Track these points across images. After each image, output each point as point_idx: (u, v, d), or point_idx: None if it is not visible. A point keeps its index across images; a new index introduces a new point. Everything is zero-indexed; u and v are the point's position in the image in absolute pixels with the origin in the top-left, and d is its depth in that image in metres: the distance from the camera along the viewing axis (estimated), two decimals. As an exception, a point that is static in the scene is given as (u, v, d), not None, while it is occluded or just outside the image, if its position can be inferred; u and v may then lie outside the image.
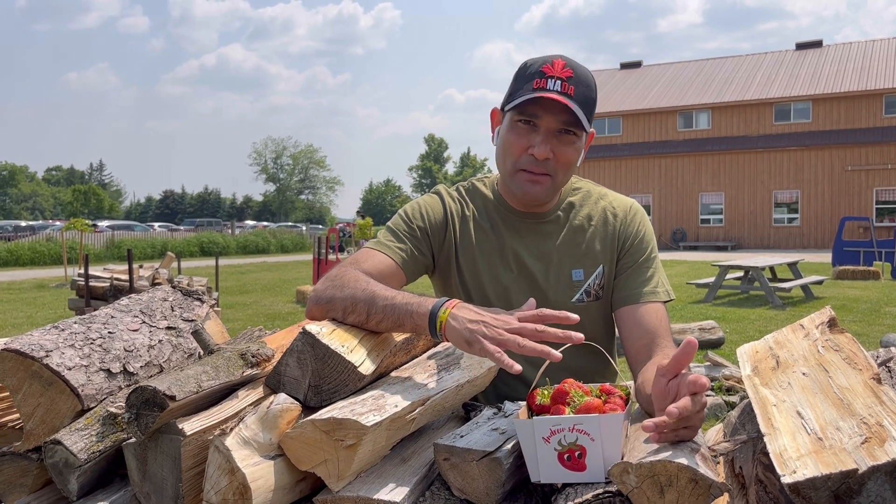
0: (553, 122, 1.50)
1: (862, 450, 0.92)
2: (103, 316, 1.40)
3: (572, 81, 1.48)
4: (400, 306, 1.24)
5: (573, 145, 1.54)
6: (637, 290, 1.59)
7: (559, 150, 1.52)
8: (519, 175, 1.56)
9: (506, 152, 1.57)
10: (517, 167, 1.55)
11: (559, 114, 1.49)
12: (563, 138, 1.52)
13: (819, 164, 31.21)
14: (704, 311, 9.99)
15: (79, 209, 64.89)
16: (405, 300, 1.25)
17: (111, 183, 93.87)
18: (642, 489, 0.92)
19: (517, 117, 1.52)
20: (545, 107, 1.48)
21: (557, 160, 1.53)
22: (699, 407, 1.01)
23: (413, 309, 1.23)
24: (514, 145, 1.54)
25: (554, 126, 1.50)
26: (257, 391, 1.17)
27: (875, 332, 8.07)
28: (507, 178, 1.59)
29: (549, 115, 1.49)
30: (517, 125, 1.53)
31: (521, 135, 1.53)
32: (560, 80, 1.48)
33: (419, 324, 1.22)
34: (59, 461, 1.13)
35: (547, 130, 1.51)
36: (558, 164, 1.54)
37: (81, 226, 17.03)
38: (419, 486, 1.08)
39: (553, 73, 1.48)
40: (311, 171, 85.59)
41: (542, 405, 1.10)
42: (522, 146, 1.53)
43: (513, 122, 1.54)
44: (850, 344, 1.26)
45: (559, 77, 1.48)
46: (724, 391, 5.25)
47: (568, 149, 1.53)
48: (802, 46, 36.61)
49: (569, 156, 1.54)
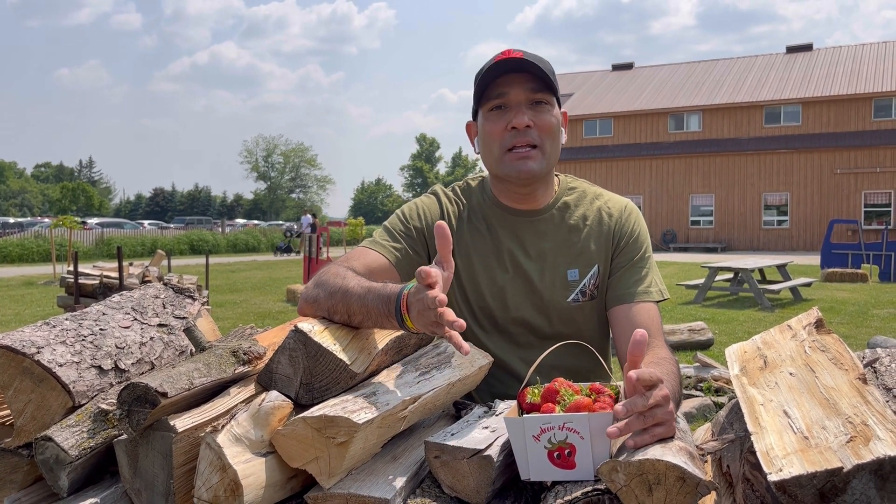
0: (521, 93, 1.54)
1: (847, 448, 0.94)
2: (95, 313, 1.40)
3: (527, 56, 1.53)
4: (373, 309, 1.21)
5: (549, 112, 1.57)
6: (630, 290, 1.60)
7: (537, 119, 1.55)
8: (507, 157, 1.57)
9: (489, 142, 1.59)
10: (503, 148, 1.57)
11: (525, 83, 1.53)
12: (537, 108, 1.56)
13: (808, 166, 31.39)
14: (694, 313, 10.03)
15: (68, 206, 64.51)
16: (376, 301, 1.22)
17: (101, 180, 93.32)
18: (631, 487, 0.93)
19: (488, 106, 1.57)
20: (509, 83, 1.53)
21: (539, 128, 1.55)
22: (658, 401, 0.99)
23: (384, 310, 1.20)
24: (493, 131, 1.57)
25: (524, 98, 1.55)
26: (249, 388, 1.18)
27: (863, 334, 8.12)
28: (497, 166, 1.60)
29: (516, 88, 1.54)
30: (490, 114, 1.58)
31: (496, 120, 1.57)
32: (514, 59, 1.53)
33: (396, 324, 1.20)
34: (49, 457, 1.13)
35: (518, 103, 1.55)
36: (542, 132, 1.56)
37: (70, 223, 16.93)
38: (410, 483, 1.09)
39: (505, 56, 1.54)
40: (303, 169, 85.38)
41: (532, 404, 1.11)
42: (501, 127, 1.56)
43: (486, 115, 1.59)
44: (837, 344, 1.28)
45: (512, 57, 1.53)
46: (713, 392, 5.27)
47: (545, 115, 1.56)
48: (793, 50, 36.80)
49: (548, 122, 1.57)
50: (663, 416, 1.00)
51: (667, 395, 1.02)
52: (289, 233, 30.24)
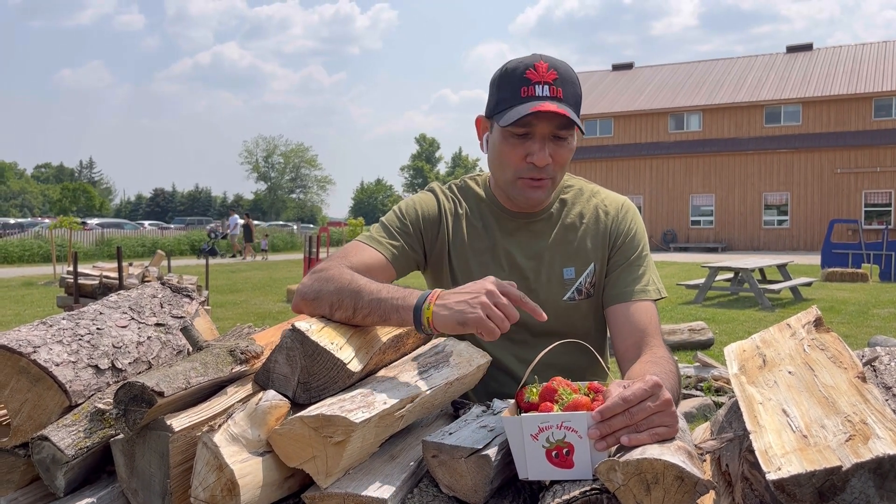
0: (547, 128, 1.49)
1: (846, 447, 0.93)
2: (92, 312, 1.39)
3: (559, 83, 1.48)
4: (385, 301, 1.25)
5: (568, 146, 1.54)
6: (628, 289, 1.59)
7: (556, 154, 1.52)
8: (519, 183, 1.56)
9: (503, 164, 1.56)
10: (517, 176, 1.55)
11: (553, 119, 1.48)
12: (558, 141, 1.52)
13: (809, 166, 31.38)
14: (694, 313, 10.03)
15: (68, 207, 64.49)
16: (390, 294, 1.26)
17: (101, 181, 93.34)
18: (629, 486, 0.93)
19: (510, 130, 1.50)
20: (538, 116, 1.47)
21: (555, 163, 1.53)
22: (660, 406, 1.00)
23: (398, 304, 1.24)
24: (510, 156, 1.53)
25: (548, 132, 1.50)
26: (246, 388, 1.17)
27: (863, 333, 8.12)
28: (506, 187, 1.59)
29: (543, 122, 1.48)
30: (510, 138, 1.52)
31: (516, 146, 1.52)
32: (547, 84, 1.47)
33: (405, 318, 1.23)
34: (46, 457, 1.13)
35: (542, 137, 1.50)
36: (556, 167, 1.54)
37: (70, 223, 16.93)
38: (407, 483, 1.08)
39: (538, 77, 1.47)
40: (303, 170, 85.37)
41: (530, 403, 1.10)
42: (520, 156, 1.52)
43: (504, 135, 1.52)
44: (836, 343, 1.27)
45: (546, 81, 1.47)
46: (713, 392, 5.27)
47: (563, 150, 1.54)
48: (793, 49, 36.80)
49: (565, 156, 1.55)
50: (662, 420, 1.00)
51: (668, 399, 1.02)
52: (213, 234, 28.38)
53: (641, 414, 1.00)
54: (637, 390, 1.00)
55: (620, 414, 1.00)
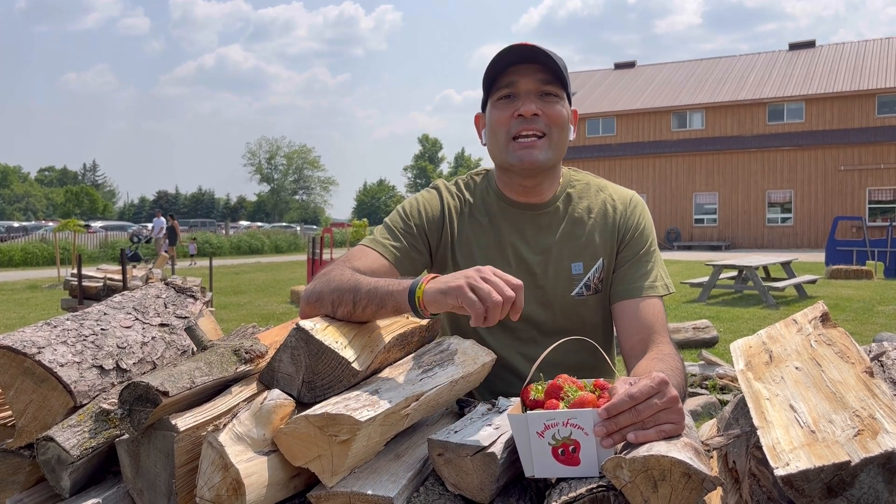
0: (531, 83, 1.52)
1: (854, 442, 0.93)
2: (96, 313, 1.39)
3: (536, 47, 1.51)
4: (381, 288, 1.26)
5: (559, 104, 1.55)
6: (636, 285, 1.57)
7: (546, 108, 1.53)
8: (513, 145, 1.55)
9: (495, 130, 1.58)
10: (509, 136, 1.55)
11: (535, 73, 1.51)
12: (546, 99, 1.54)
13: (812, 163, 31.32)
14: (698, 311, 10.01)
15: (72, 210, 64.64)
16: (387, 282, 1.27)
17: (104, 183, 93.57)
18: (636, 483, 0.92)
19: (496, 95, 1.55)
20: (520, 72, 1.51)
21: (548, 117, 1.53)
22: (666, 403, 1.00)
23: (393, 289, 1.24)
24: (499, 119, 1.56)
25: (533, 87, 1.53)
26: (251, 387, 1.17)
27: (868, 330, 8.10)
28: (502, 154, 1.58)
29: (526, 78, 1.52)
30: (498, 103, 1.56)
31: (504, 108, 1.55)
32: (525, 46, 1.51)
33: (400, 301, 1.23)
34: (51, 458, 1.13)
35: (527, 92, 1.53)
36: (550, 122, 1.54)
37: (74, 226, 16.97)
38: (413, 481, 1.08)
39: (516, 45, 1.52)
40: (306, 171, 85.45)
41: (536, 400, 1.10)
42: (508, 115, 1.54)
43: (494, 103, 1.57)
44: (843, 338, 1.27)
45: (523, 45, 1.51)
46: (718, 390, 5.25)
47: (554, 106, 1.54)
48: (795, 47, 36.73)
49: (557, 112, 1.54)
50: (669, 417, 1.00)
51: (675, 396, 1.01)
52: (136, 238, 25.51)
53: (648, 411, 0.99)
54: (643, 387, 1.00)
55: (627, 411, 0.99)
